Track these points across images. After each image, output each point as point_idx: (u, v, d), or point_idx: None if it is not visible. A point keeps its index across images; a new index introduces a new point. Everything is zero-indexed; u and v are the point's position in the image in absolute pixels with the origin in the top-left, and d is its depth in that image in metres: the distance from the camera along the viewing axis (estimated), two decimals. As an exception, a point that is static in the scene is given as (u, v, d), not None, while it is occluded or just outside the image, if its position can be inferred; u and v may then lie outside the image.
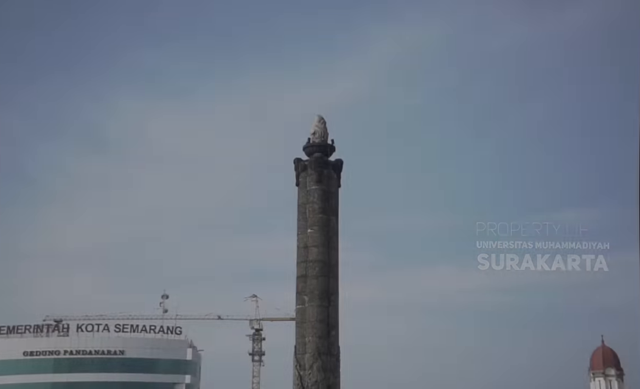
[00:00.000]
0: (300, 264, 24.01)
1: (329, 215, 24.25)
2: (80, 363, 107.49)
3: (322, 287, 23.47)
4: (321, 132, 24.89)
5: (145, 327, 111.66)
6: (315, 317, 23.12)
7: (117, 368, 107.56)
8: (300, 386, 22.59)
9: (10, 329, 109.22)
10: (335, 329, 23.36)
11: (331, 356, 22.94)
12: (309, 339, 22.92)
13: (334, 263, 24.09)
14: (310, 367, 22.61)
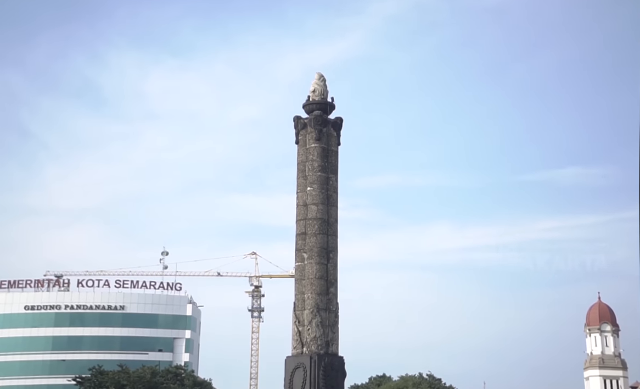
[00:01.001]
0: (300, 221, 24.16)
1: (329, 173, 24.33)
2: (81, 317, 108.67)
3: (321, 245, 23.66)
4: (321, 90, 24.83)
5: (145, 283, 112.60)
6: (314, 274, 23.34)
7: (117, 323, 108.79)
8: (299, 342, 22.89)
9: (11, 284, 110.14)
10: (334, 285, 23.60)
11: (330, 312, 23.21)
12: (308, 296, 23.18)
13: (333, 221, 24.23)
14: (309, 323, 22.89)
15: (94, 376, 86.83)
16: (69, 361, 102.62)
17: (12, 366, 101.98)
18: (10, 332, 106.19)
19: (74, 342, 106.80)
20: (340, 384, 22.92)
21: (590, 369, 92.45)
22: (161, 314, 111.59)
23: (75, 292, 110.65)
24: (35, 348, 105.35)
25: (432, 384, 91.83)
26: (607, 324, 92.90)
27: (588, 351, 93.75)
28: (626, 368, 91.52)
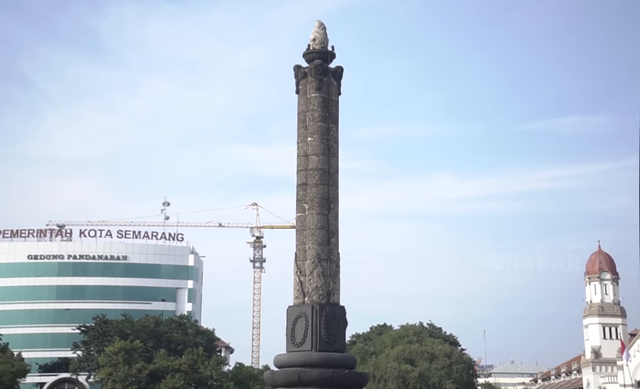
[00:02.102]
0: (300, 172, 24.02)
1: (329, 123, 24.08)
2: (83, 267, 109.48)
3: (322, 195, 23.55)
4: (321, 38, 24.40)
5: (147, 233, 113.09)
6: (315, 224, 23.29)
7: (120, 273, 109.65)
8: (301, 292, 22.97)
9: (13, 233, 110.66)
10: (335, 236, 23.57)
11: (331, 262, 23.23)
12: (309, 246, 23.17)
13: (334, 171, 24.09)
14: (311, 273, 22.93)
15: (97, 325, 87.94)
16: (72, 310, 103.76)
17: (17, 315, 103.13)
18: (13, 281, 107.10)
19: (78, 291, 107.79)
20: (341, 333, 23.06)
21: (589, 317, 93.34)
22: (163, 264, 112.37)
23: (78, 242, 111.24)
24: (39, 297, 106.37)
25: (433, 333, 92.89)
26: (607, 272, 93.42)
27: (587, 300, 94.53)
28: (625, 315, 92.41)
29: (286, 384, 21.94)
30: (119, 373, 76.45)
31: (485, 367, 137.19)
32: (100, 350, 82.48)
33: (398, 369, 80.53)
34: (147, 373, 77.08)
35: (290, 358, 22.39)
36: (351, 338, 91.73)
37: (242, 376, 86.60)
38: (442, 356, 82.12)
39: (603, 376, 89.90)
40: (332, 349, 22.25)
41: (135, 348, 78.48)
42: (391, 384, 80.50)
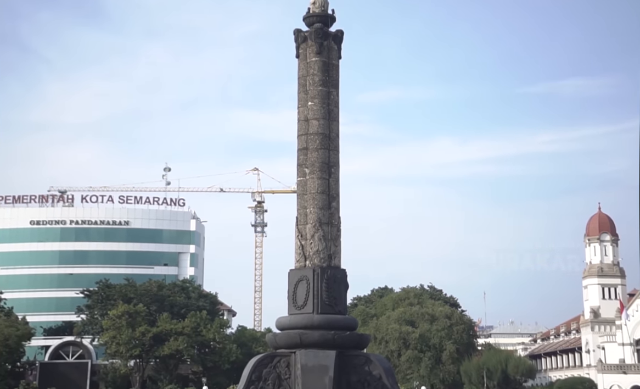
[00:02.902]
0: (301, 137, 24.04)
1: (329, 87, 24.03)
2: (86, 232, 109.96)
3: (323, 160, 23.61)
4: (321, 2, 24.24)
5: (148, 198, 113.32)
6: (316, 189, 23.39)
7: (122, 238, 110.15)
8: (302, 255, 23.17)
9: (15, 199, 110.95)
10: (335, 200, 23.68)
11: (332, 226, 23.37)
12: (310, 210, 23.30)
13: (335, 136, 24.11)
14: (312, 237, 23.09)
15: (101, 289, 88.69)
16: (76, 275, 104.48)
17: (21, 279, 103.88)
18: (17, 246, 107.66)
19: (80, 256, 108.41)
20: (342, 296, 23.30)
21: (588, 278, 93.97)
22: (165, 229, 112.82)
23: (80, 207, 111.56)
24: (42, 261, 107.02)
25: (433, 295, 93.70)
26: (607, 234, 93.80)
27: (587, 261, 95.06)
28: (624, 276, 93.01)
29: (288, 346, 22.25)
30: (122, 336, 77.33)
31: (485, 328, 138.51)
32: (104, 314, 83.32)
33: (399, 330, 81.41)
34: (151, 335, 77.98)
35: (292, 320, 22.67)
36: (352, 301, 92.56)
37: (244, 338, 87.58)
38: (443, 317, 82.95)
39: (602, 336, 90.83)
40: (333, 312, 22.51)
41: (139, 312, 79.28)
42: (392, 346, 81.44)
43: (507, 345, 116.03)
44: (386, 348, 79.95)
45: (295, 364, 21.53)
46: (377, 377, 21.73)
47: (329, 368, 21.08)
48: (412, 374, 79.15)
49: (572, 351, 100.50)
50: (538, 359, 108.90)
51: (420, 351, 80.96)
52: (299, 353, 21.51)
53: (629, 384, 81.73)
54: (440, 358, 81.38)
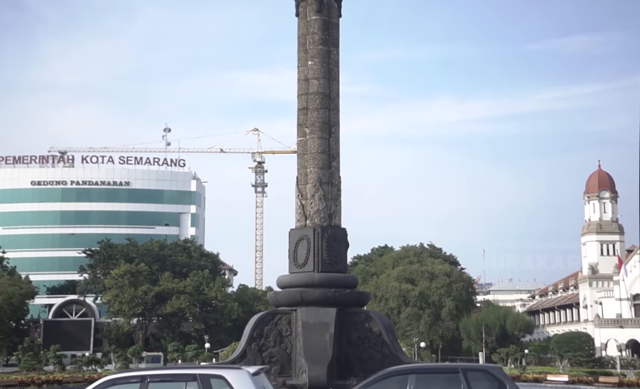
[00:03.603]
0: (301, 96, 24.07)
1: (330, 46, 23.97)
2: (87, 193, 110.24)
3: (323, 119, 23.67)
4: (322, -41, 24.04)
5: (149, 159, 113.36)
6: (316, 148, 23.49)
7: (123, 198, 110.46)
8: (303, 215, 23.37)
9: (16, 159, 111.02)
10: (336, 159, 23.80)
11: (332, 185, 23.53)
12: (310, 170, 23.44)
13: (335, 95, 24.13)
14: (312, 196, 23.26)
15: (103, 249, 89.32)
16: (77, 235, 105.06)
17: (23, 239, 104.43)
18: (18, 206, 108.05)
19: (82, 216, 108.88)
20: (343, 255, 23.57)
21: (587, 235, 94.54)
22: (166, 189, 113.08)
23: (80, 168, 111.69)
24: (44, 221, 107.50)
25: (433, 253, 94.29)
26: (606, 191, 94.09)
27: (586, 218, 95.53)
28: (623, 232, 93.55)
29: (289, 304, 22.59)
30: (125, 295, 78.17)
31: (484, 285, 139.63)
32: (106, 273, 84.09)
33: (399, 288, 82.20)
34: (153, 294, 78.82)
35: (292, 279, 22.98)
36: (352, 260, 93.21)
37: (245, 297, 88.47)
38: (442, 275, 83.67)
39: (599, 291, 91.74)
40: (333, 270, 22.80)
41: (141, 271, 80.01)
42: (392, 303, 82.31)
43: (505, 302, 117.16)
44: (386, 306, 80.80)
45: (296, 322, 21.89)
46: (377, 333, 22.10)
47: (330, 325, 21.43)
48: (412, 330, 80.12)
49: (569, 307, 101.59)
50: (536, 315, 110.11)
51: (419, 308, 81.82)
52: (300, 311, 21.85)
53: (626, 338, 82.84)
54: (439, 314, 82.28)
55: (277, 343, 21.98)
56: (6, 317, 71.82)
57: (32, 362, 56.59)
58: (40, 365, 56.55)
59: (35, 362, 56.81)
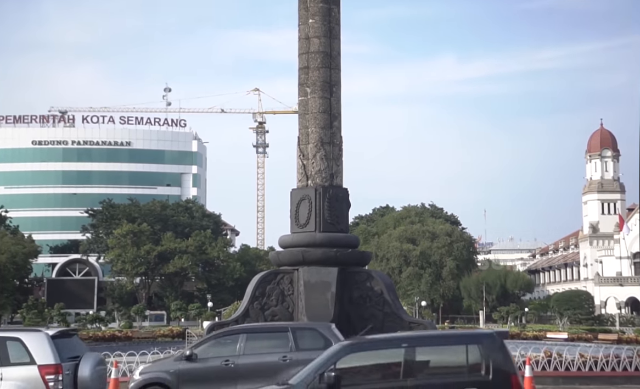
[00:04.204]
0: (302, 55, 23.88)
1: (330, 4, 23.70)
2: (88, 153, 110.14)
3: (324, 79, 23.52)
4: None
5: (149, 119, 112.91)
6: (317, 108, 23.39)
7: (124, 158, 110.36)
8: (304, 175, 23.37)
9: (16, 119, 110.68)
10: (337, 119, 23.72)
11: (334, 145, 23.49)
12: (311, 130, 23.37)
13: (336, 54, 23.94)
14: (314, 156, 23.23)
15: (105, 209, 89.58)
16: (79, 195, 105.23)
17: (25, 199, 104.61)
18: (19, 166, 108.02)
19: (83, 176, 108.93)
20: (344, 215, 23.63)
21: (588, 194, 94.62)
22: (167, 150, 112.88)
23: (81, 128, 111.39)
24: (45, 181, 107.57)
25: (434, 213, 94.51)
26: (608, 149, 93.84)
27: (587, 177, 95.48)
28: (624, 191, 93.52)
29: (291, 263, 22.72)
30: (127, 255, 78.63)
31: (485, 244, 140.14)
32: (109, 233, 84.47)
33: (400, 248, 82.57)
34: (155, 254, 79.26)
35: (294, 238, 23.07)
36: (354, 220, 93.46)
37: (247, 257, 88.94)
38: (443, 235, 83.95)
39: (600, 250, 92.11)
40: (335, 230, 22.88)
41: (143, 231, 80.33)
42: (393, 263, 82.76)
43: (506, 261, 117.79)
44: (387, 265, 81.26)
45: (298, 281, 22.05)
46: (379, 292, 22.27)
47: (331, 284, 21.59)
48: (413, 290, 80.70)
49: (570, 266, 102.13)
50: (536, 274, 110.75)
51: (420, 267, 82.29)
52: (302, 270, 22.00)
53: (625, 295, 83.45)
54: (440, 274, 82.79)
55: (279, 302, 22.17)
56: (10, 275, 72.31)
57: (37, 319, 57.23)
58: (45, 323, 57.18)
59: (40, 320, 57.45)
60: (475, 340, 9.58)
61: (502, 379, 9.16)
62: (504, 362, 9.31)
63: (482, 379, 9.21)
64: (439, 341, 10.14)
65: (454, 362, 9.48)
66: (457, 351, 9.54)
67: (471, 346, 9.49)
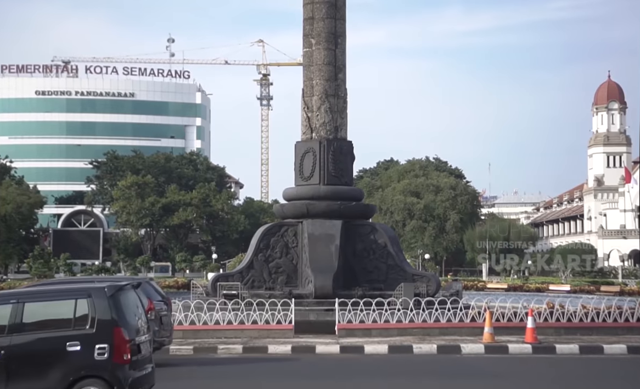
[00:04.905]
0: (307, 5, 23.58)
1: (336, -46, 23.32)
2: (92, 103, 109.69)
3: (329, 30, 23.26)
4: None
5: (153, 70, 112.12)
6: (322, 60, 23.18)
7: (128, 110, 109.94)
8: (309, 128, 23.28)
9: (19, 68, 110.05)
10: (342, 71, 23.53)
11: (338, 98, 23.35)
12: (316, 82, 23.21)
13: (341, 4, 23.64)
14: (318, 109, 23.12)
15: (109, 161, 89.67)
16: (84, 146, 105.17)
17: (29, 149, 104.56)
18: (23, 116, 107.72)
19: (87, 127, 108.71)
20: (348, 168, 23.61)
21: (594, 147, 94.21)
22: (171, 101, 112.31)
23: (85, 78, 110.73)
24: (49, 132, 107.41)
25: (439, 167, 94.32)
26: (615, 102, 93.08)
27: (594, 130, 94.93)
28: (630, 144, 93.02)
29: (295, 216, 22.78)
30: (132, 206, 78.91)
31: (489, 198, 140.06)
32: (113, 184, 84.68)
33: (404, 201, 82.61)
34: (160, 206, 79.52)
35: (298, 191, 23.10)
36: (358, 173, 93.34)
37: (252, 209, 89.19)
38: (447, 188, 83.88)
39: (604, 203, 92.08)
40: (339, 183, 22.88)
41: (147, 183, 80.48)
42: (397, 216, 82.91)
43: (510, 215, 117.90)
44: (391, 219, 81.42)
45: (302, 233, 22.14)
46: (382, 245, 22.37)
47: (335, 237, 21.68)
48: (416, 243, 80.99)
49: (574, 219, 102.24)
50: (540, 227, 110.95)
51: (424, 221, 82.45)
52: (306, 223, 22.07)
53: (628, 248, 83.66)
54: (444, 227, 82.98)
55: (283, 254, 22.30)
56: (16, 225, 72.69)
57: (43, 269, 57.68)
58: (51, 273, 57.68)
59: (46, 270, 57.90)
60: (84, 294, 9.74)
61: (106, 331, 9.36)
62: (110, 315, 9.46)
63: (86, 332, 9.39)
64: (49, 296, 10.22)
65: (62, 316, 9.63)
66: (66, 306, 9.69)
67: (80, 300, 9.64)
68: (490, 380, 13.17)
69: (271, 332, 18.07)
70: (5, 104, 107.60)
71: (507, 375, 13.76)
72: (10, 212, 69.90)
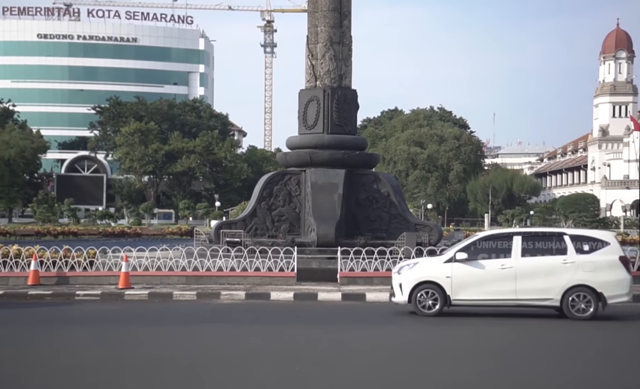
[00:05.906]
0: (312, -50, 23.12)
1: None
2: (94, 48, 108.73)
3: (335, -24, 22.85)
4: None
5: (156, 15, 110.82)
6: (327, 6, 22.84)
7: (131, 55, 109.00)
8: (313, 75, 23.07)
9: (21, 11, 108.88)
10: (347, 18, 23.20)
11: (343, 45, 23.08)
12: (321, 29, 22.90)
13: (347, -51, 23.19)
14: (323, 56, 22.87)
15: (112, 107, 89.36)
16: (86, 91, 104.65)
17: (32, 93, 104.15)
18: (25, 59, 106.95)
19: (90, 72, 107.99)
20: (353, 117, 23.48)
21: (600, 97, 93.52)
22: (174, 47, 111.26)
23: (87, 22, 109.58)
24: (52, 76, 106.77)
25: (443, 117, 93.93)
26: (623, 50, 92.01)
27: (600, 79, 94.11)
28: (636, 93, 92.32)
29: (298, 164, 22.75)
30: (135, 153, 78.95)
31: (493, 148, 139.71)
32: (116, 131, 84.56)
33: (407, 151, 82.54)
34: (163, 153, 79.56)
35: (302, 140, 23.02)
36: (362, 122, 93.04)
37: (255, 158, 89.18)
38: (451, 138, 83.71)
39: (608, 153, 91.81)
40: (343, 132, 22.78)
41: (150, 130, 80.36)
42: (400, 166, 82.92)
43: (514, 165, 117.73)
44: (394, 169, 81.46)
45: (305, 182, 22.14)
46: (385, 194, 22.39)
47: (338, 186, 21.68)
48: (419, 193, 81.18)
49: (577, 169, 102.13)
50: (543, 178, 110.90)
51: (427, 171, 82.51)
52: (309, 171, 22.05)
53: (631, 199, 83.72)
54: (447, 177, 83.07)
55: (286, 203, 22.34)
56: (19, 170, 72.87)
57: (47, 214, 58.04)
58: (55, 217, 58.03)
59: (50, 214, 58.25)
60: None
61: None
62: None
63: None
64: None
65: None
66: None
67: None
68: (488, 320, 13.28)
69: (274, 279, 18.23)
70: (7, 47, 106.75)
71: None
72: (14, 156, 69.98)
